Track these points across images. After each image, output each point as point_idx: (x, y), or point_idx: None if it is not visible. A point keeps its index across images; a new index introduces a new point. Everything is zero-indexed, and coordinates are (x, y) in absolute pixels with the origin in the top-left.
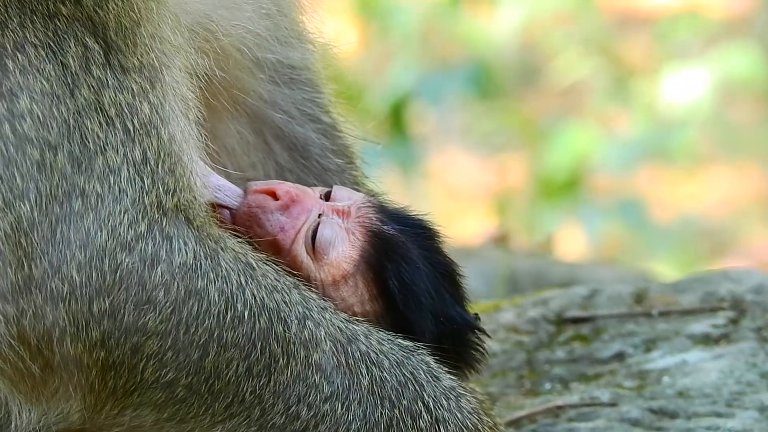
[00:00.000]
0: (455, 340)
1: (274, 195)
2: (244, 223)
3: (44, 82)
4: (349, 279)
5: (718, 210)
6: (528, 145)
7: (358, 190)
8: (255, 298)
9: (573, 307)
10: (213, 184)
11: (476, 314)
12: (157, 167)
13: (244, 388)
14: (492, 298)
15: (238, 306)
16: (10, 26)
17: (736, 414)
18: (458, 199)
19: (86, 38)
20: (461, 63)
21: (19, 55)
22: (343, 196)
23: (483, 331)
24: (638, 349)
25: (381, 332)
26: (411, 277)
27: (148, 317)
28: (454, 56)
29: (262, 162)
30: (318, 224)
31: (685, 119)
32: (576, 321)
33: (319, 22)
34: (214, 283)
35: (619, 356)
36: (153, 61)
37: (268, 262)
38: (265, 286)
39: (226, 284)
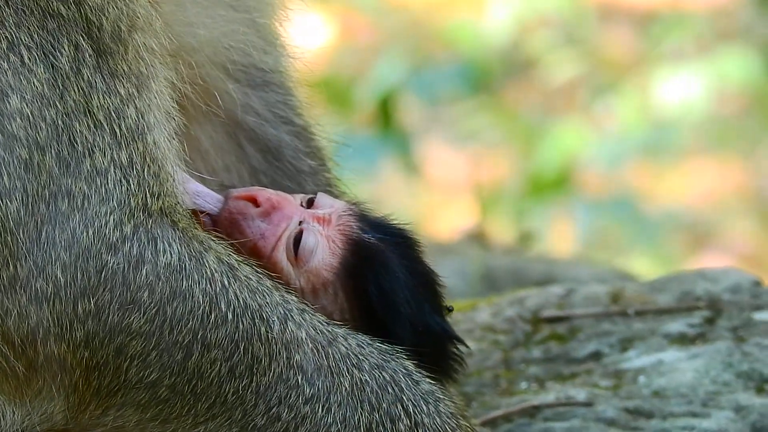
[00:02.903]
0: (433, 349)
1: (254, 202)
2: (224, 230)
3: (35, 84)
4: (329, 287)
5: (700, 203)
6: (516, 142)
7: (332, 192)
8: (238, 299)
9: (549, 306)
10: (192, 191)
11: (450, 307)
12: (143, 171)
13: (227, 389)
14: (469, 296)
15: (222, 307)
16: (6, 24)
17: (711, 414)
18: (444, 194)
19: (80, 40)
20: (450, 59)
21: (11, 55)
22: (325, 203)
23: (461, 341)
24: (614, 348)
25: (360, 335)
26: (390, 286)
27: (132, 318)
28: (443, 53)
29: (236, 165)
30: (299, 232)
31: (675, 117)
32: (552, 320)
33: (293, 25)
34: (199, 284)
35: (595, 356)
36: (142, 68)
37: (249, 264)
38: (247, 287)
39: (210, 285)
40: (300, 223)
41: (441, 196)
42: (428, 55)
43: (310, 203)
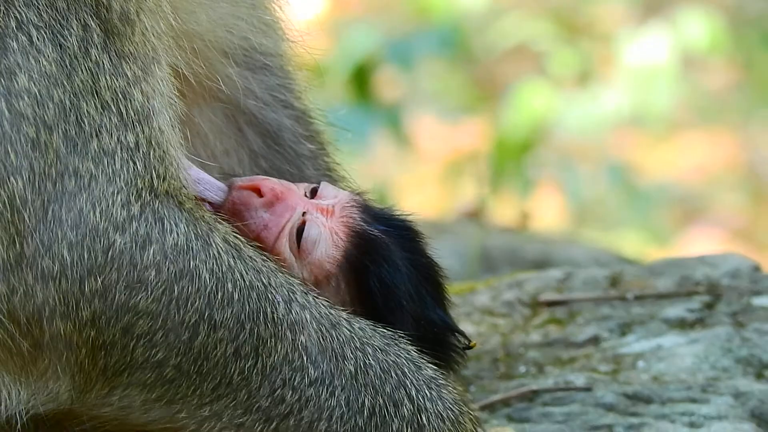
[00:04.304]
0: (435, 342)
1: (258, 192)
2: (227, 219)
3: (43, 63)
4: (332, 279)
5: (691, 177)
6: (492, 110)
7: (332, 177)
8: (244, 279)
9: (548, 290)
10: (193, 178)
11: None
12: (149, 154)
13: (232, 370)
14: (466, 277)
15: (228, 286)
16: (15, 4)
17: (711, 400)
18: (426, 165)
19: (89, 21)
20: (428, 27)
21: (20, 35)
22: (329, 194)
23: (463, 334)
24: (613, 333)
25: (363, 320)
26: (392, 279)
27: (139, 297)
28: (420, 21)
29: (236, 149)
30: (302, 223)
31: (650, 82)
32: (551, 304)
33: (291, 9)
34: (205, 263)
35: (594, 340)
36: (148, 52)
37: (253, 247)
38: (252, 268)
39: (217, 265)
40: (303, 214)
41: (426, 169)
42: (405, 26)
43: (313, 193)
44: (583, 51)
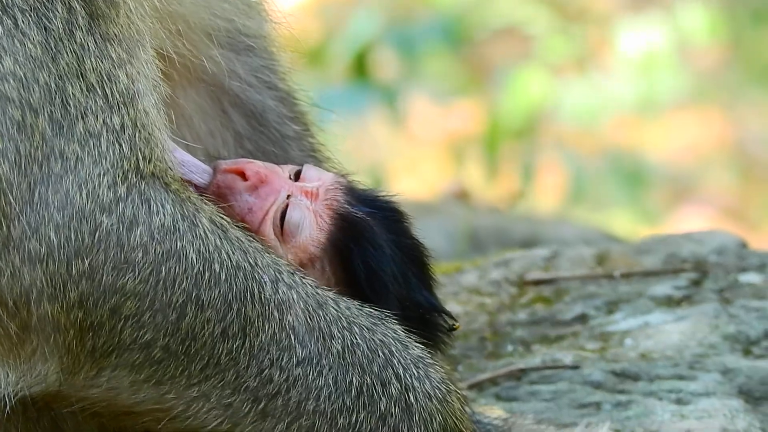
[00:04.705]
0: (421, 323)
1: (243, 175)
2: (212, 201)
3: (28, 46)
4: (316, 262)
5: (681, 156)
6: (485, 92)
7: (316, 158)
8: (230, 259)
9: (535, 268)
10: (178, 160)
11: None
12: (135, 136)
13: (220, 350)
14: (453, 257)
15: (215, 267)
16: None
17: (698, 376)
18: (423, 148)
19: (73, 3)
20: (427, 12)
21: (5, 18)
22: (313, 176)
23: (449, 314)
24: (600, 311)
25: (349, 300)
26: (377, 262)
27: (126, 278)
28: (420, 8)
29: (220, 130)
30: (286, 206)
31: (649, 70)
32: (538, 283)
33: None
34: (192, 244)
35: (582, 318)
36: (132, 34)
37: (239, 227)
38: (239, 248)
39: (204, 245)
40: (288, 197)
41: (420, 151)
42: (405, 10)
43: (297, 175)
44: (577, 36)
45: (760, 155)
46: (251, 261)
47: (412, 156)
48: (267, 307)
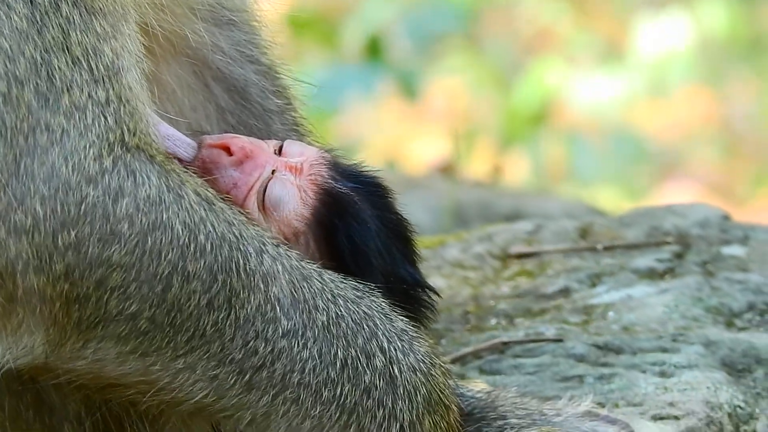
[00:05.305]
0: (405, 298)
1: (228, 150)
2: (197, 174)
3: (14, 18)
4: (301, 237)
5: (667, 132)
6: (496, 80)
7: (299, 131)
8: (216, 230)
9: (518, 242)
10: (162, 134)
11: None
12: (120, 109)
13: (205, 321)
14: (437, 231)
15: (201, 238)
16: None
17: (681, 349)
18: (422, 126)
19: None
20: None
21: None
22: (296, 151)
23: (433, 290)
24: (583, 284)
25: (333, 273)
26: (361, 237)
27: (112, 250)
28: None
29: (203, 104)
30: (270, 181)
31: (659, 64)
32: (521, 256)
33: None
34: (178, 215)
35: (565, 291)
36: (117, 9)
37: (224, 199)
38: (224, 220)
39: (189, 216)
40: (273, 172)
41: (417, 129)
42: None
43: (281, 150)
44: (597, 32)
45: (747, 131)
46: (236, 233)
47: (422, 136)
48: (252, 279)
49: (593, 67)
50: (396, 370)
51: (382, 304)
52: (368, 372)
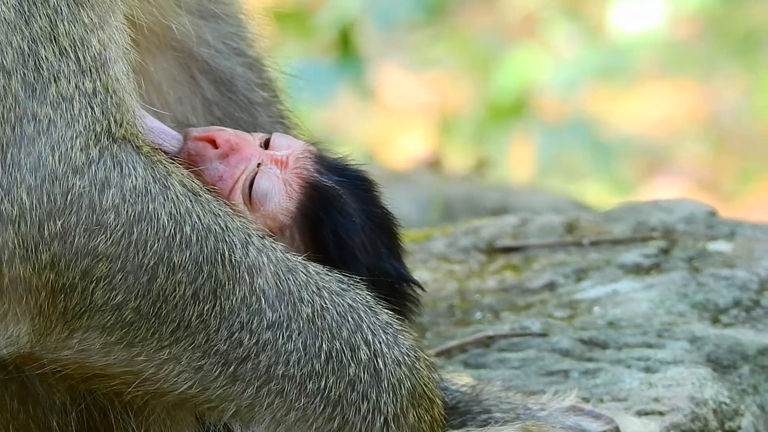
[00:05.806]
0: (390, 293)
1: (213, 143)
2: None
3: (2, 9)
4: (286, 230)
5: (655, 128)
6: (473, 68)
7: (285, 125)
8: (201, 222)
9: (504, 236)
10: (148, 126)
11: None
12: (106, 100)
13: (191, 313)
14: (424, 225)
15: (186, 229)
16: None
17: (666, 344)
18: (401, 120)
19: None
20: None
21: None
22: (282, 144)
23: (418, 284)
24: (569, 278)
25: (318, 266)
26: (346, 231)
27: (98, 240)
28: None
29: (189, 96)
30: (256, 174)
31: (632, 43)
32: (507, 250)
33: None
34: (164, 206)
35: (550, 286)
36: (105, 0)
37: (209, 191)
38: (210, 212)
39: (175, 207)
40: (258, 165)
41: (397, 122)
42: None
43: (267, 143)
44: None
45: (734, 127)
46: (222, 224)
47: (390, 129)
48: (237, 270)
49: (572, 55)
50: (380, 363)
51: (367, 297)
52: (353, 364)
